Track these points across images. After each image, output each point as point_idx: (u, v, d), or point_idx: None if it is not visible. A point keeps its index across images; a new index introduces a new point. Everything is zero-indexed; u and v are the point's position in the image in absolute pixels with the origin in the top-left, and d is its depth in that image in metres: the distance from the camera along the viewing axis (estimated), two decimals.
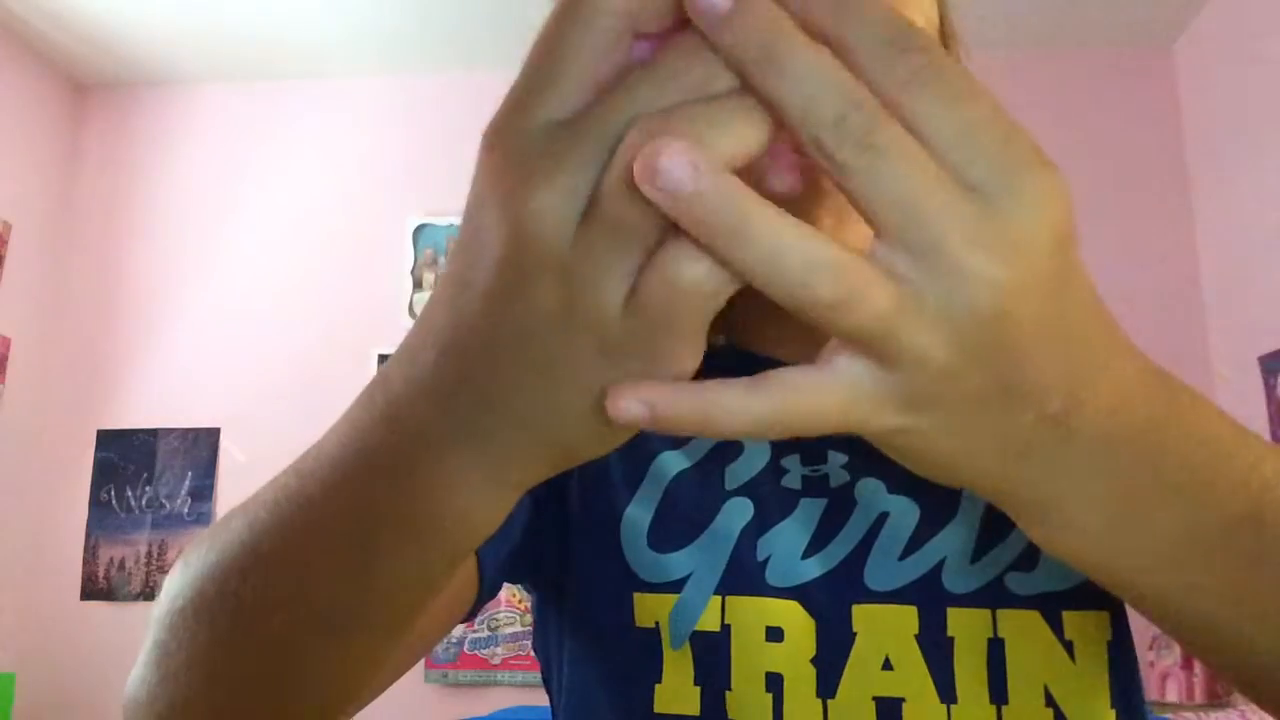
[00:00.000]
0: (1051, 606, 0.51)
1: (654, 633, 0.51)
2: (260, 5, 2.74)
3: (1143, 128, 2.79)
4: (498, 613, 2.68)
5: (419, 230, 2.93)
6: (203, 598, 0.35)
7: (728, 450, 0.56)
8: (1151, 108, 2.83)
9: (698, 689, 0.50)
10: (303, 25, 2.84)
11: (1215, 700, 2.24)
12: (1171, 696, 2.28)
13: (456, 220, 2.89)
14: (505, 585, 0.56)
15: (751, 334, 0.59)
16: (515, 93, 0.24)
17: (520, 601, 2.69)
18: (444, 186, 2.97)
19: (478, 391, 0.26)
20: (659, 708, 0.50)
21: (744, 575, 0.51)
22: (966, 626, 0.50)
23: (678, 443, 0.56)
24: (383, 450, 0.30)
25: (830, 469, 0.55)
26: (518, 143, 0.23)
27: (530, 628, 2.67)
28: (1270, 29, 2.41)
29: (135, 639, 0.39)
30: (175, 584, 0.37)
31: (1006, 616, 0.50)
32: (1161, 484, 0.29)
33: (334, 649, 0.34)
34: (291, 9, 2.76)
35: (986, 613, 0.50)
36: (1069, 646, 0.50)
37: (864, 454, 0.55)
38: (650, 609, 0.51)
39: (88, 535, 2.85)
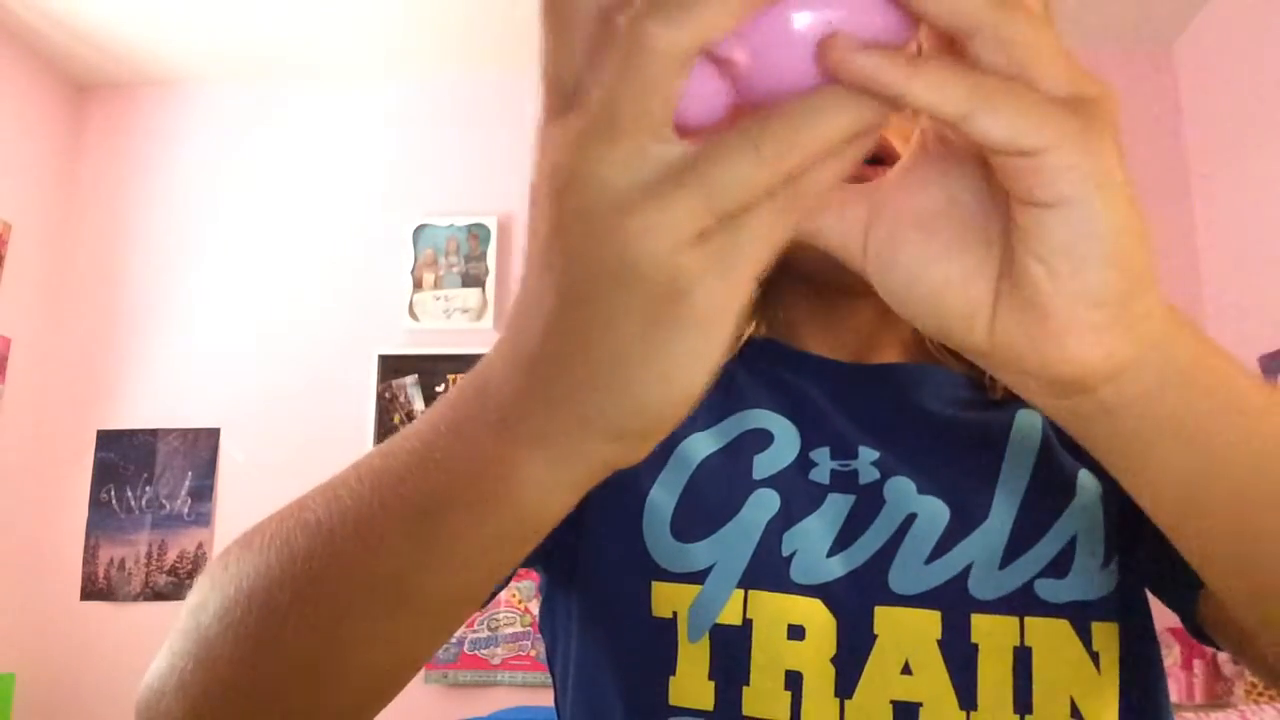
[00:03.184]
0: (1081, 616, 0.50)
1: (671, 624, 0.51)
2: (260, 6, 2.74)
3: (1143, 127, 2.79)
4: (498, 613, 2.68)
5: (419, 230, 2.93)
6: (269, 585, 0.36)
7: (758, 439, 0.55)
8: (1151, 107, 2.83)
9: (712, 683, 0.49)
10: (303, 26, 2.84)
11: (1215, 700, 2.24)
12: (1171, 697, 2.28)
13: (456, 220, 2.91)
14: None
15: (789, 329, 0.60)
16: (580, 145, 0.26)
17: (520, 602, 2.69)
18: (444, 186, 2.97)
19: (560, 380, 0.29)
20: (673, 700, 0.50)
21: (768, 570, 0.51)
22: (991, 634, 0.49)
23: (706, 424, 0.56)
24: (467, 433, 0.32)
25: (860, 465, 0.54)
26: (609, 185, 0.26)
27: (530, 628, 2.67)
28: (1270, 29, 2.40)
29: (135, 639, 0.39)
30: (236, 571, 0.37)
31: (1035, 625, 0.50)
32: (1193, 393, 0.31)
33: (389, 624, 0.35)
34: (292, 10, 2.76)
35: (1014, 620, 0.50)
36: (1096, 658, 0.50)
37: (896, 453, 0.54)
38: (669, 599, 0.51)
39: (88, 535, 2.85)
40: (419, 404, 2.81)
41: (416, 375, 2.83)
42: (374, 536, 0.34)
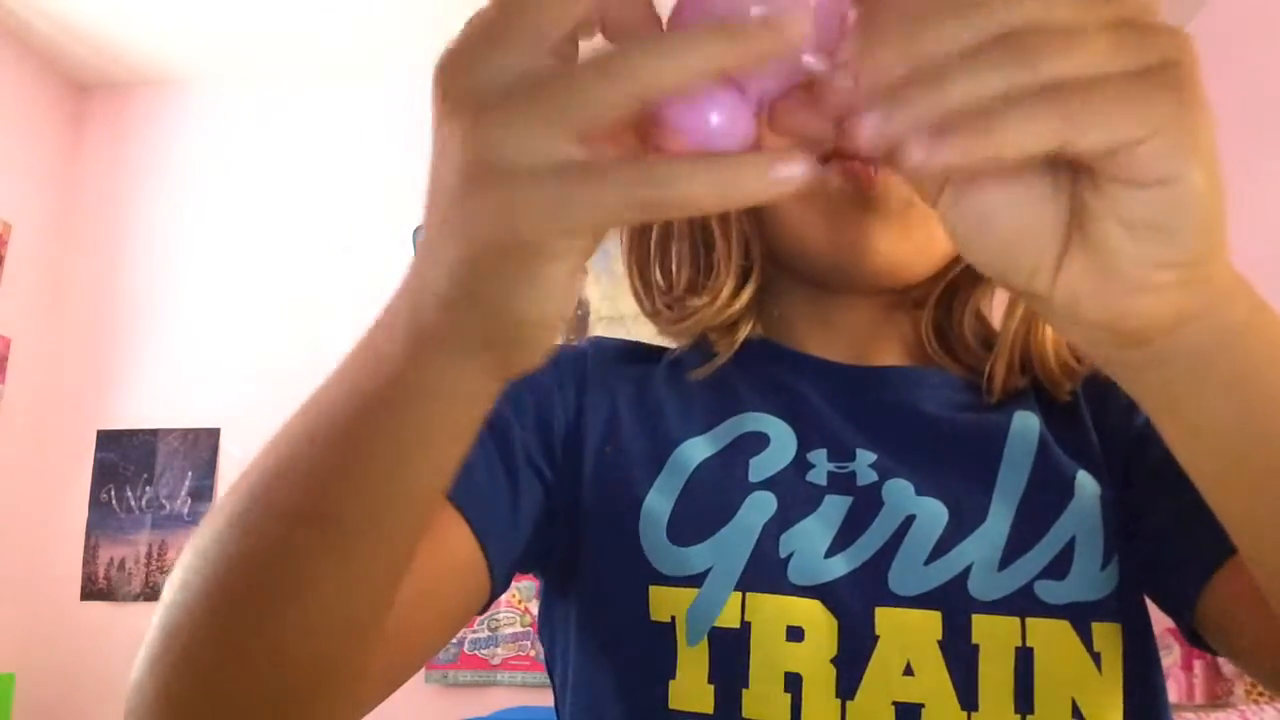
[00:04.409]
0: (1082, 617, 0.50)
1: (669, 628, 0.50)
2: (260, 6, 2.74)
3: None
4: (498, 613, 2.68)
5: (419, 231, 2.92)
6: (228, 524, 0.36)
7: (754, 441, 0.55)
8: None
9: (712, 686, 0.49)
10: (303, 26, 2.84)
11: (1215, 700, 2.24)
12: (1171, 697, 2.28)
13: None
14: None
15: (786, 328, 0.60)
16: (469, 40, 0.28)
17: (520, 602, 2.69)
18: None
19: (454, 287, 0.30)
20: (673, 704, 0.49)
21: (766, 572, 0.50)
22: (992, 635, 0.49)
23: (703, 428, 0.56)
24: (375, 338, 0.35)
25: (858, 467, 0.54)
26: (478, 83, 0.27)
27: (530, 628, 2.67)
28: (1270, 29, 2.41)
29: (135, 639, 0.39)
30: (196, 540, 0.37)
31: (1036, 625, 0.49)
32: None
33: (325, 558, 0.35)
34: (292, 10, 2.76)
35: (1015, 621, 0.49)
36: (1097, 658, 0.50)
37: (894, 455, 0.54)
38: (666, 603, 0.51)
39: (88, 535, 2.85)
40: None
41: None
42: (294, 466, 0.36)
